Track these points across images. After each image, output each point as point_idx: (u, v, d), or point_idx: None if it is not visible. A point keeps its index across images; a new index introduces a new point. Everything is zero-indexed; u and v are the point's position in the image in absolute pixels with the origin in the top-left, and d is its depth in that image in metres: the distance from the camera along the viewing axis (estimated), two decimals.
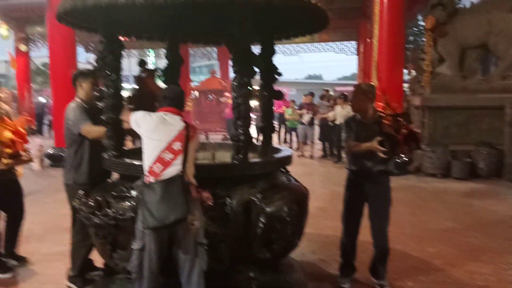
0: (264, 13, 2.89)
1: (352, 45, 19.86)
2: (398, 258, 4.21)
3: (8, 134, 3.79)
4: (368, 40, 13.60)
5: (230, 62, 3.01)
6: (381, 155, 3.27)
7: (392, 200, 3.55)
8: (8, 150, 3.77)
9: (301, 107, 11.89)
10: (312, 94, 12.12)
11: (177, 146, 2.58)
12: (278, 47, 19.20)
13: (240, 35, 2.87)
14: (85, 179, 3.41)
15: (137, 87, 4.99)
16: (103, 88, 3.19)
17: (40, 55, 17.98)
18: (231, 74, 3.35)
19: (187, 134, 2.62)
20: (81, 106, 3.46)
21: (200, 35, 4.13)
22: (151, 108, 2.88)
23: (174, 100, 2.79)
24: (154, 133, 2.65)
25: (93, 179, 3.39)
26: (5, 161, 3.74)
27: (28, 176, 4.48)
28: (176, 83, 3.76)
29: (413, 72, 11.98)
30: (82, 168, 3.43)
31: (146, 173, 2.61)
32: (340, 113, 10.15)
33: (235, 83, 2.89)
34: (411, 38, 23.02)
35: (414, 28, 22.79)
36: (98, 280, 3.54)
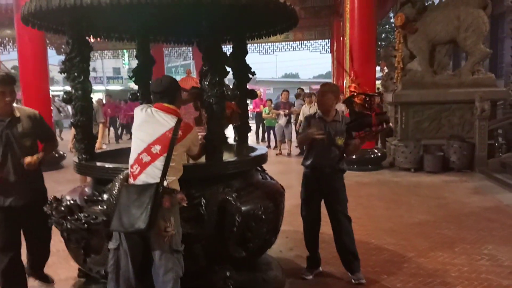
0: (233, 12, 2.88)
1: (326, 43, 20.06)
2: (373, 252, 4.28)
3: None
4: (341, 38, 13.76)
5: None
6: (318, 136, 3.41)
7: (346, 197, 3.68)
8: None
9: (277, 107, 11.93)
10: (287, 91, 12.17)
11: (156, 149, 2.49)
12: (253, 46, 19.31)
13: (210, 34, 2.86)
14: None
15: None
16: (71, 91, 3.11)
17: (10, 58, 17.52)
18: None
19: (173, 137, 2.51)
20: None
21: (171, 35, 4.09)
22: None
23: (162, 94, 2.65)
24: (137, 131, 2.61)
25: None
26: None
27: None
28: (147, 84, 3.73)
29: (386, 69, 12.19)
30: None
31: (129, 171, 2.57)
32: (307, 112, 10.22)
33: (206, 83, 2.87)
34: (383, 35, 23.44)
35: (386, 26, 23.21)
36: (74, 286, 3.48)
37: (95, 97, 16.59)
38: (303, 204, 3.74)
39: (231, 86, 3.83)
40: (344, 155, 3.62)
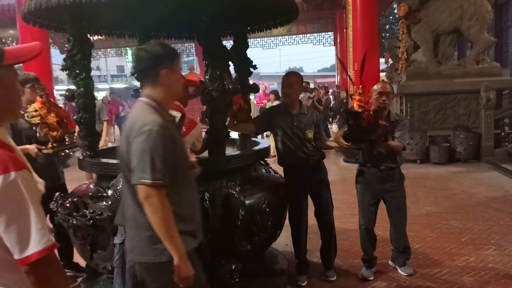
0: (233, 5, 2.87)
1: (329, 36, 19.95)
2: (379, 243, 4.25)
3: (53, 116, 3.47)
4: (344, 30, 13.67)
5: None
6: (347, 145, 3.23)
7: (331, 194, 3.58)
8: (54, 134, 3.46)
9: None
10: (325, 87, 12.10)
11: None
12: (256, 41, 19.23)
13: (210, 28, 2.85)
14: None
15: None
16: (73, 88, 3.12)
17: None
18: None
19: None
20: None
21: (172, 31, 4.08)
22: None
23: None
24: None
25: None
26: (50, 145, 3.42)
27: None
28: None
29: (390, 61, 12.11)
30: None
31: None
32: None
33: (207, 77, 2.87)
34: (387, 26, 23.26)
35: (390, 17, 23.01)
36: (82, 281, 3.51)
37: (100, 95, 16.69)
38: (290, 206, 3.49)
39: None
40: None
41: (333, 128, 12.81)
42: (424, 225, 4.84)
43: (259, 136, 5.54)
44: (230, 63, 3.44)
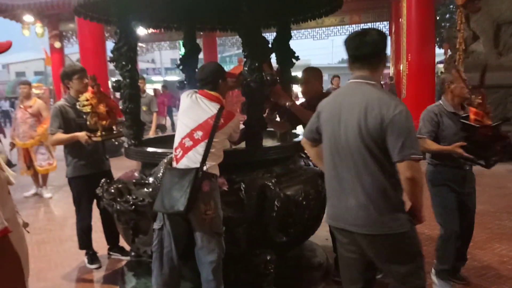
0: None
1: (384, 25, 19.26)
2: (425, 242, 4.11)
3: (103, 106, 3.64)
4: (400, 20, 13.18)
5: None
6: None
7: None
8: (103, 123, 3.62)
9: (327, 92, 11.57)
10: (338, 77, 11.73)
11: (198, 135, 2.57)
12: (307, 31, 18.91)
13: (249, 18, 2.84)
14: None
15: None
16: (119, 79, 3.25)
17: (74, 51, 18.54)
18: None
19: (215, 124, 2.58)
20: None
21: (217, 23, 4.13)
22: None
23: (205, 81, 2.72)
24: (182, 117, 2.70)
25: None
26: (99, 133, 3.60)
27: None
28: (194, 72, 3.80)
29: (449, 52, 11.54)
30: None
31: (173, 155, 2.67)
32: None
33: (246, 68, 2.88)
34: (447, 15, 22.12)
35: (451, 6, 21.86)
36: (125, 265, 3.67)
37: (154, 88, 17.19)
38: None
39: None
40: None
41: None
42: (475, 224, 4.59)
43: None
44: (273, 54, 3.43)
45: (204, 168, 2.54)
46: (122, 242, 3.82)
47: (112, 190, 3.07)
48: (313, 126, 2.28)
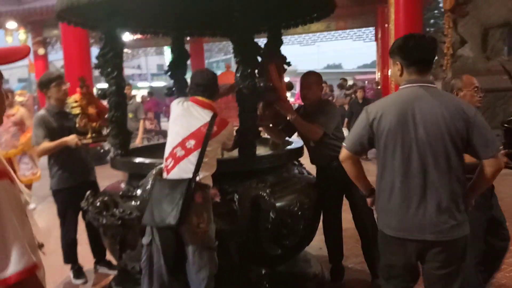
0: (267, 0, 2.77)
1: (370, 31, 19.43)
2: None
3: (93, 108, 3.53)
4: (386, 25, 13.24)
5: None
6: None
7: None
8: (94, 124, 3.52)
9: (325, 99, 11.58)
10: (325, 82, 11.73)
11: (191, 144, 2.45)
12: (293, 38, 18.99)
13: (241, 24, 2.75)
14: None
15: None
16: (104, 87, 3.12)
17: (59, 58, 18.27)
18: None
19: (208, 132, 2.47)
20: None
21: (206, 29, 4.03)
22: None
23: (205, 87, 2.61)
24: (173, 125, 2.59)
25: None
26: (89, 135, 3.49)
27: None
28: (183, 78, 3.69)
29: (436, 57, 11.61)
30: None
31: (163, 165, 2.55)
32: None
33: (238, 75, 2.78)
34: (431, 21, 22.40)
35: (435, 11, 22.14)
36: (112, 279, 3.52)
37: (140, 94, 17.02)
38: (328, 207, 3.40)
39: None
40: None
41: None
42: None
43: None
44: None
45: (197, 178, 2.42)
46: (109, 256, 3.67)
47: (98, 204, 2.93)
48: (363, 138, 2.14)
